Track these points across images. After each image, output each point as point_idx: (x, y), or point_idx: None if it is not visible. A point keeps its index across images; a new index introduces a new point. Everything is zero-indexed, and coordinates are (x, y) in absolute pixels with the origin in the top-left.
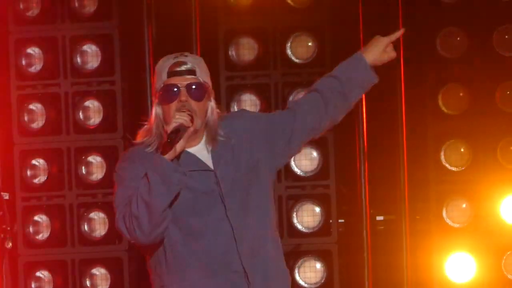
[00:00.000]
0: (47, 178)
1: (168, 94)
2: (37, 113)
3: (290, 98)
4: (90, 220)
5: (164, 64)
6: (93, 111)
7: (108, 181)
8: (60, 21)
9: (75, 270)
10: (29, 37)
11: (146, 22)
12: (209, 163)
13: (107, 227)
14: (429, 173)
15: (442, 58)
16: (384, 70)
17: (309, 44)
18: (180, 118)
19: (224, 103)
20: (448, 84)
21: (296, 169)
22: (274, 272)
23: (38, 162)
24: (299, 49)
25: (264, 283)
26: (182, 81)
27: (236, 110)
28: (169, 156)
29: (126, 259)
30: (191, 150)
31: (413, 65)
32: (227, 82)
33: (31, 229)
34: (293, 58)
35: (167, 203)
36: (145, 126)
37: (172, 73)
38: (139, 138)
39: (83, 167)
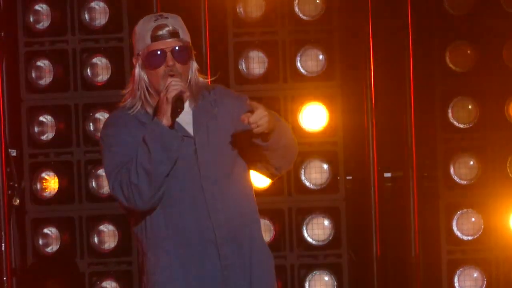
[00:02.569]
0: (55, 134)
1: (154, 59)
2: (44, 70)
3: (298, 56)
4: (97, 177)
5: (146, 27)
6: (101, 68)
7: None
8: None
9: (83, 226)
10: None
11: None
12: (190, 127)
13: None
14: (436, 130)
15: (449, 16)
16: (392, 26)
17: (317, 1)
18: (176, 85)
19: (232, 60)
20: (455, 41)
21: (304, 126)
22: (253, 249)
23: (46, 118)
24: (306, 6)
25: (238, 257)
26: (166, 45)
27: (216, 84)
28: (166, 122)
29: None
30: None
31: (420, 23)
32: (235, 39)
33: (38, 186)
34: (300, 15)
35: (168, 170)
36: (127, 89)
37: (155, 37)
38: (124, 101)
39: (90, 124)
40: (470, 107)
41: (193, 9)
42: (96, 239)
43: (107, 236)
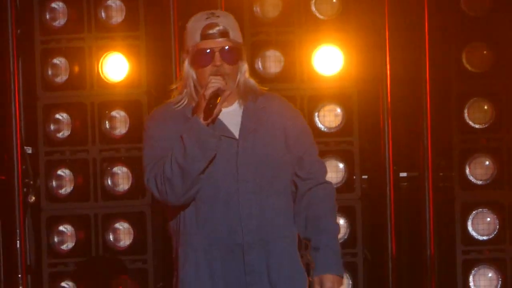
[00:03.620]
0: (71, 132)
1: (202, 58)
2: (61, 68)
3: (314, 55)
4: (113, 175)
5: (196, 24)
6: (117, 66)
7: (131, 135)
8: None
9: (98, 224)
10: None
11: None
12: (236, 129)
13: (130, 181)
14: (452, 130)
15: (466, 17)
16: (409, 26)
17: (334, 0)
18: (216, 82)
19: (248, 59)
20: (472, 42)
21: (320, 126)
22: (283, 262)
23: (62, 116)
24: (323, 6)
25: (263, 267)
26: (216, 45)
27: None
28: (205, 120)
29: (149, 213)
30: (224, 110)
31: (437, 22)
32: (252, 38)
33: (54, 183)
34: (317, 14)
35: (202, 168)
36: (176, 83)
37: (205, 36)
38: (172, 97)
39: (106, 122)
40: (486, 107)
41: (210, 8)
42: (111, 237)
43: (122, 234)
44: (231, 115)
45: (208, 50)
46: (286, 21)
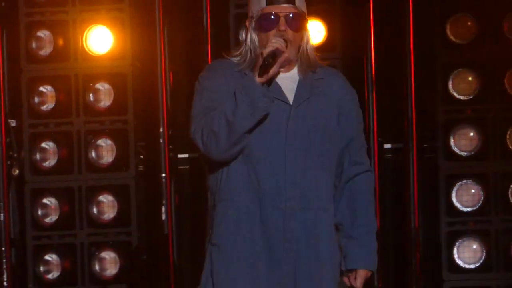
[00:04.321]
0: (55, 105)
1: (266, 22)
2: (45, 40)
3: None
4: (97, 147)
5: None
6: (101, 38)
7: (116, 108)
8: None
9: (82, 197)
10: None
11: None
12: (291, 95)
13: (114, 154)
14: (436, 101)
15: None
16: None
17: None
18: (276, 43)
19: (232, 31)
20: (456, 13)
21: None
22: (321, 235)
23: (46, 89)
24: None
25: (302, 235)
26: (281, 10)
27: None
28: (261, 79)
29: (133, 186)
30: (282, 75)
31: None
32: (236, 10)
33: (38, 156)
34: None
35: (250, 126)
36: (238, 49)
37: (271, 1)
38: (231, 56)
39: (91, 94)
40: (470, 79)
41: None
42: (95, 210)
43: (107, 206)
44: (288, 81)
45: (273, 15)
46: None
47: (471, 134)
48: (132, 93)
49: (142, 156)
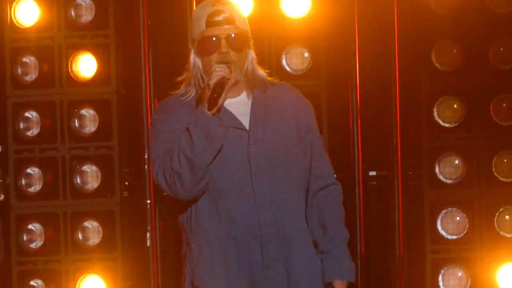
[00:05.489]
0: (40, 130)
1: (208, 46)
2: (30, 66)
3: (283, 53)
4: (82, 173)
5: (202, 12)
6: (86, 64)
7: (101, 134)
8: None
9: (67, 222)
10: None
11: None
12: (246, 119)
13: (99, 180)
14: (421, 129)
15: (435, 15)
16: (378, 25)
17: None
18: (220, 71)
19: None
20: (441, 40)
21: None
22: (301, 254)
23: (31, 114)
24: (293, 5)
25: (281, 258)
26: (221, 32)
27: (279, 80)
28: (212, 111)
29: (118, 212)
30: (232, 100)
31: (407, 20)
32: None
33: (23, 182)
34: (286, 13)
35: (210, 159)
36: (183, 75)
37: (211, 23)
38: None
39: (76, 120)
40: (455, 106)
41: (179, 6)
42: (80, 236)
43: (91, 232)
44: (240, 105)
45: (214, 37)
46: (255, 20)
47: (456, 161)
48: (117, 119)
49: (127, 182)
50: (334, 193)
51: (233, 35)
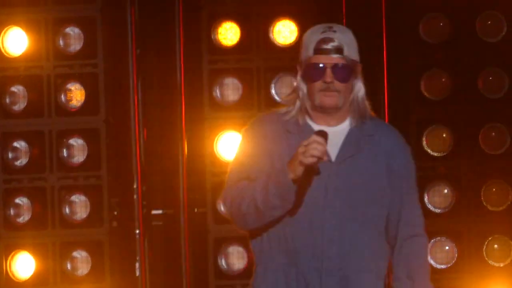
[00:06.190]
0: (29, 160)
1: (313, 73)
2: (19, 96)
3: (272, 83)
4: (71, 203)
5: (312, 37)
6: (75, 94)
7: (89, 163)
8: (43, 3)
9: (56, 253)
10: (12, 20)
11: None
12: (335, 150)
13: (88, 210)
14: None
15: (424, 44)
16: (367, 53)
17: (292, 27)
18: (316, 149)
19: (206, 86)
20: (430, 69)
21: None
22: None
23: (20, 144)
24: (281, 33)
25: None
26: (328, 60)
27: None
28: (295, 176)
29: (107, 242)
30: (331, 129)
31: (396, 48)
32: (210, 65)
33: (12, 212)
34: (275, 42)
35: (278, 216)
36: (289, 96)
37: (318, 51)
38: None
39: (64, 150)
40: (444, 135)
41: (168, 36)
42: (69, 266)
43: (80, 262)
44: (335, 135)
45: (321, 65)
46: (244, 49)
47: (445, 191)
48: (106, 149)
49: (116, 212)
50: (423, 245)
51: (340, 65)
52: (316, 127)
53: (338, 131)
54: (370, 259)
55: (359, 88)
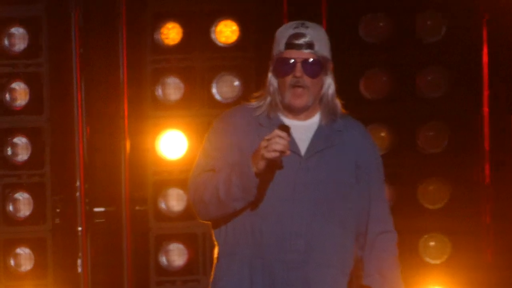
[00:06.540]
0: None
1: (283, 67)
2: None
3: (214, 82)
4: (15, 201)
5: (284, 33)
6: (19, 93)
7: (33, 163)
8: None
9: (0, 249)
10: None
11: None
12: (305, 145)
13: (31, 207)
14: None
15: (364, 44)
16: None
17: (233, 28)
18: (279, 144)
19: (149, 85)
20: (370, 69)
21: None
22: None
23: None
24: (223, 34)
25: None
26: (298, 55)
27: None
28: (258, 169)
29: (50, 239)
30: (300, 123)
31: (336, 50)
32: (153, 65)
33: None
34: (217, 42)
35: (239, 207)
36: (260, 92)
37: (289, 45)
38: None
39: (8, 148)
40: (382, 134)
41: (111, 35)
42: (12, 262)
43: (23, 259)
44: (304, 130)
45: (291, 60)
46: (186, 49)
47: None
48: (50, 147)
49: (58, 210)
50: (394, 241)
51: (310, 60)
52: (286, 121)
53: (308, 126)
54: (336, 254)
55: (329, 84)
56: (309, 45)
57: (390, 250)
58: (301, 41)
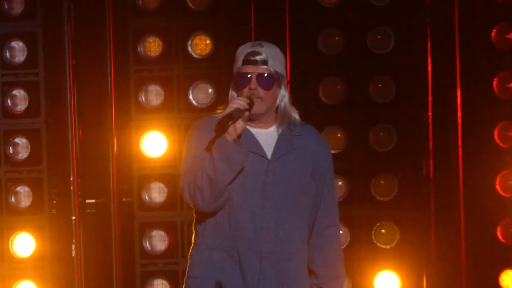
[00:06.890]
0: None
1: (241, 81)
2: None
3: (190, 90)
4: (16, 193)
5: (242, 51)
6: (19, 99)
7: (32, 160)
8: None
9: (3, 235)
10: None
11: (66, 21)
12: (270, 149)
13: (31, 199)
14: None
15: (322, 55)
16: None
17: (207, 41)
18: (236, 103)
19: (133, 92)
20: (327, 77)
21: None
22: (292, 276)
23: None
24: (198, 46)
25: (275, 276)
26: (254, 70)
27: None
28: (231, 136)
29: (47, 227)
30: (262, 131)
31: (296, 61)
32: (136, 74)
33: None
34: (193, 54)
35: (229, 180)
36: (224, 106)
37: (246, 61)
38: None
39: (10, 147)
40: (339, 135)
41: (100, 48)
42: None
43: (24, 244)
44: (267, 136)
45: (248, 75)
46: (166, 60)
47: (340, 183)
48: (46, 146)
49: (55, 201)
50: (337, 234)
51: (264, 74)
52: (250, 129)
53: (270, 133)
54: (301, 245)
55: (283, 96)
56: (264, 62)
57: (335, 242)
58: (257, 57)
